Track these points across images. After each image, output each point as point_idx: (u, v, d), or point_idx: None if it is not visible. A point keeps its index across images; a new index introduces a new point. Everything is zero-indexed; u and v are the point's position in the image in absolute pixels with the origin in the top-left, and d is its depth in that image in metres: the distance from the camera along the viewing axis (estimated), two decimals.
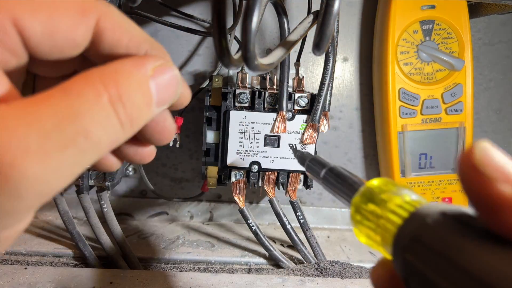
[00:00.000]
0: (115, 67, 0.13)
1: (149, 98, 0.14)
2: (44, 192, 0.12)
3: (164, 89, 0.15)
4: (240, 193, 0.40)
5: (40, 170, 0.11)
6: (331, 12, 0.19)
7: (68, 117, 0.12)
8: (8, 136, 0.11)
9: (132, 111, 0.13)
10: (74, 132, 0.12)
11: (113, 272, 0.38)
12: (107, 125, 0.13)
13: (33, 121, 0.11)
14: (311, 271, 0.39)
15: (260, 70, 0.19)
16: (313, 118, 0.38)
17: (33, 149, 0.11)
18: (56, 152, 0.12)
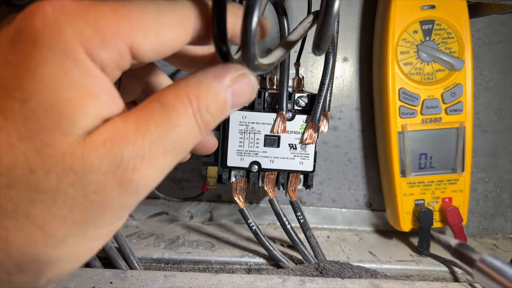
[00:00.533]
0: (197, 80, 0.16)
1: (224, 105, 0.17)
2: (151, 188, 0.15)
3: (240, 95, 0.17)
4: (240, 193, 0.40)
5: (152, 172, 0.15)
6: (331, 12, 0.18)
7: (169, 128, 0.15)
8: (131, 148, 0.14)
9: (208, 118, 0.16)
10: (174, 140, 0.15)
11: (113, 272, 0.38)
12: (191, 132, 0.16)
13: (145, 134, 0.14)
14: (311, 271, 0.39)
15: (260, 70, 0.19)
16: (313, 118, 0.38)
17: (146, 157, 0.14)
18: (162, 157, 0.15)
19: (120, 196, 0.14)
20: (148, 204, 0.52)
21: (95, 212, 0.14)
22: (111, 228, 0.16)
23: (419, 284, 0.39)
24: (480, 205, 0.53)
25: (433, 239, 0.47)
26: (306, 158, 0.39)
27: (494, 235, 0.54)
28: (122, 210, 0.15)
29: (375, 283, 0.38)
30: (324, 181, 0.53)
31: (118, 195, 0.14)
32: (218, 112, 0.16)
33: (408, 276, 0.42)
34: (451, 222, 0.44)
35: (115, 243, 0.39)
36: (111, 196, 0.14)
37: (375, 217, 0.53)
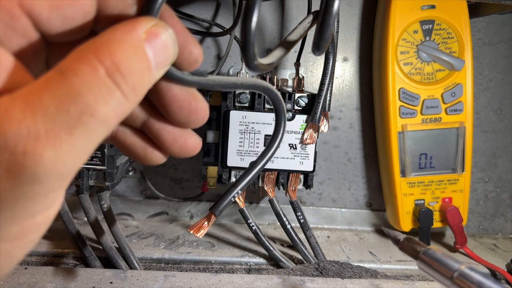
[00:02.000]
0: (107, 37, 0.13)
1: (147, 62, 0.14)
2: (63, 174, 0.12)
3: (162, 51, 0.14)
4: (240, 193, 0.40)
5: (53, 154, 0.12)
6: (331, 12, 0.19)
7: (69, 97, 0.12)
8: (16, 127, 0.11)
9: (133, 79, 0.13)
10: (79, 112, 0.12)
11: (113, 272, 0.38)
12: (110, 98, 0.13)
13: (37, 108, 0.12)
14: (311, 271, 0.39)
15: (260, 70, 0.19)
16: (313, 118, 0.38)
17: (42, 135, 0.12)
18: (65, 134, 0.12)
19: (13, 187, 0.12)
20: (148, 204, 0.52)
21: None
22: (23, 225, 0.13)
23: (419, 284, 0.39)
24: (480, 205, 0.53)
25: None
26: (306, 158, 0.39)
27: (494, 235, 0.54)
28: (27, 203, 0.12)
29: (375, 283, 0.38)
30: (324, 181, 0.53)
31: (10, 186, 0.12)
32: (144, 70, 0.14)
33: (408, 276, 0.42)
34: (451, 222, 0.44)
35: (115, 243, 0.39)
36: (1, 188, 0.12)
37: (375, 217, 0.53)
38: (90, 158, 0.37)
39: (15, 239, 0.13)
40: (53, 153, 0.12)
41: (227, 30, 0.42)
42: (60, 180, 0.12)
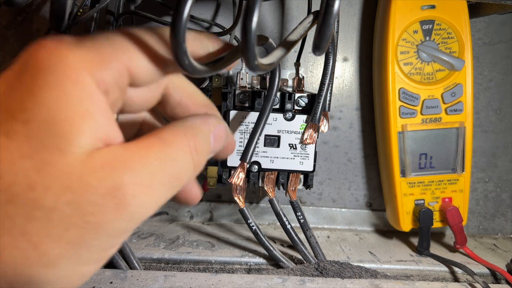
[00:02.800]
0: (191, 123, 0.18)
1: (209, 147, 0.19)
2: (146, 217, 0.16)
3: (218, 139, 0.19)
4: (240, 193, 0.40)
5: (148, 201, 0.15)
6: (331, 12, 0.18)
7: (167, 161, 0.16)
8: (130, 173, 0.15)
9: (200, 158, 0.18)
10: (171, 173, 0.16)
11: (113, 272, 0.38)
12: (187, 168, 0.17)
13: (145, 163, 0.15)
14: (311, 271, 0.39)
15: (260, 70, 0.19)
16: (313, 118, 0.38)
17: (145, 185, 0.15)
18: (159, 188, 0.16)
19: (115, 220, 0.15)
20: None
21: (90, 234, 0.14)
22: (104, 254, 0.16)
23: (419, 284, 0.39)
24: (480, 205, 0.53)
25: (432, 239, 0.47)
26: (306, 158, 0.39)
27: (494, 235, 0.54)
28: (116, 236, 0.15)
29: (375, 283, 0.38)
30: (324, 181, 0.53)
31: (114, 218, 0.14)
32: (206, 154, 0.18)
33: (408, 276, 0.42)
34: (451, 222, 0.44)
35: None
36: (107, 218, 0.14)
37: (375, 217, 0.53)
38: None
39: (92, 264, 0.16)
40: (148, 200, 0.15)
41: (227, 30, 0.42)
42: (140, 222, 0.16)
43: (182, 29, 0.16)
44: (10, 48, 0.48)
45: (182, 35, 0.16)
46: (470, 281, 0.41)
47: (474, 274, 0.40)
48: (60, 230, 0.14)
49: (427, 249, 0.45)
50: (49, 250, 0.14)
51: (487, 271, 0.43)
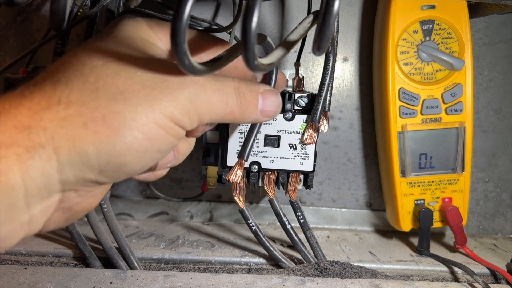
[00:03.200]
0: (251, 86, 0.24)
1: (256, 100, 0.24)
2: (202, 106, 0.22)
3: (267, 105, 0.25)
4: (240, 193, 0.40)
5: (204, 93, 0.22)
6: (331, 12, 0.19)
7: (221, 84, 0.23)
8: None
9: (243, 98, 0.23)
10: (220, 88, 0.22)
11: (113, 272, 0.38)
12: (232, 96, 0.23)
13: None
14: (311, 271, 0.39)
15: (260, 70, 0.19)
16: (313, 118, 0.38)
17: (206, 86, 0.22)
18: (212, 93, 0.22)
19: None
20: (148, 204, 0.52)
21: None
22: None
23: (419, 284, 0.39)
24: (480, 205, 0.53)
25: (433, 239, 0.47)
26: (306, 158, 0.39)
27: (494, 235, 0.54)
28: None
29: (375, 283, 0.38)
30: (324, 181, 0.53)
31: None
32: (252, 102, 0.24)
33: (408, 276, 0.42)
34: (451, 222, 0.44)
35: (115, 243, 0.39)
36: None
37: (375, 217, 0.53)
38: None
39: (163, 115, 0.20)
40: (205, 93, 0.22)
41: (224, 27, 0.42)
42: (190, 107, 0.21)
43: (182, 31, 0.16)
44: (10, 48, 0.48)
45: (182, 36, 0.16)
46: (470, 281, 0.41)
47: (474, 274, 0.40)
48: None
49: (427, 249, 0.45)
50: (131, 97, 0.19)
51: (487, 271, 0.43)
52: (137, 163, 0.20)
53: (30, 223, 0.18)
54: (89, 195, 0.21)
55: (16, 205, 0.17)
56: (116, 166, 0.19)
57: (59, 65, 0.20)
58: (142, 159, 0.20)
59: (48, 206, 0.19)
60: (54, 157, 0.18)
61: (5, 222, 0.17)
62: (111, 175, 0.20)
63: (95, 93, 0.19)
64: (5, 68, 0.37)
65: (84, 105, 0.18)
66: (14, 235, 0.18)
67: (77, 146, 0.18)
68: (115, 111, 0.19)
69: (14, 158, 0.17)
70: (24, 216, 0.18)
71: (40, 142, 0.17)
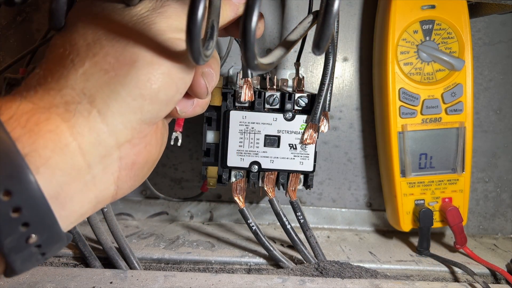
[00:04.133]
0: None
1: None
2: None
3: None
4: (240, 193, 0.40)
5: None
6: (331, 12, 0.19)
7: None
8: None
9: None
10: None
11: (113, 272, 0.38)
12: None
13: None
14: (311, 271, 0.39)
15: (260, 70, 0.19)
16: (313, 118, 0.38)
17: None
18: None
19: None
20: (148, 204, 0.52)
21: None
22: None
23: (419, 284, 0.39)
24: (480, 205, 0.53)
25: (432, 239, 0.47)
26: (306, 158, 0.39)
27: (494, 235, 0.54)
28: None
29: (375, 283, 0.38)
30: (324, 181, 0.53)
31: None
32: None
33: (408, 276, 0.42)
34: (451, 222, 0.44)
35: (115, 243, 0.39)
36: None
37: (375, 217, 0.53)
38: None
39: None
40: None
41: None
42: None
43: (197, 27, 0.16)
44: (10, 48, 0.48)
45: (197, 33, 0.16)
46: (470, 281, 0.41)
47: (474, 274, 0.40)
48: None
49: (427, 249, 0.45)
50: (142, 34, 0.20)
51: (487, 271, 0.43)
52: (168, 86, 0.21)
53: (95, 183, 0.19)
54: (143, 143, 0.22)
55: (76, 164, 0.18)
56: (151, 97, 0.20)
57: (55, 38, 0.22)
58: (171, 81, 0.21)
59: (109, 164, 0.20)
60: (93, 109, 0.19)
61: (69, 182, 0.18)
62: (152, 109, 0.20)
63: (99, 44, 0.20)
64: (5, 68, 0.37)
65: (95, 56, 0.20)
66: (83, 197, 0.19)
67: (107, 92, 0.19)
68: (121, 49, 0.20)
69: (59, 119, 0.18)
70: (86, 176, 0.19)
71: (74, 100, 0.19)
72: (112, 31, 0.20)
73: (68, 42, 0.20)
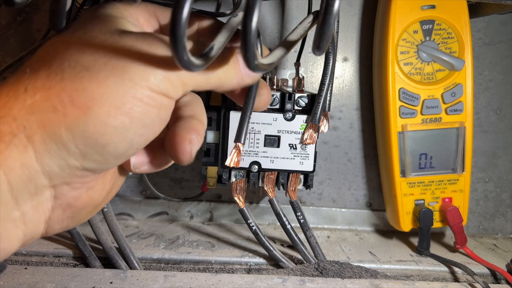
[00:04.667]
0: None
1: (236, 59, 0.22)
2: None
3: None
4: (240, 193, 0.40)
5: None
6: (331, 12, 0.19)
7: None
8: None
9: (223, 58, 0.22)
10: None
11: (113, 272, 0.38)
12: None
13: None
14: (311, 271, 0.39)
15: (260, 70, 0.19)
16: (313, 118, 0.38)
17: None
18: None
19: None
20: (148, 204, 0.52)
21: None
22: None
23: (419, 284, 0.39)
24: (480, 205, 0.53)
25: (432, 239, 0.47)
26: (306, 158, 0.39)
27: (494, 235, 0.54)
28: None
29: (375, 283, 0.38)
30: (324, 181, 0.53)
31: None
32: (230, 57, 0.22)
33: (408, 276, 0.42)
34: (451, 222, 0.44)
35: (115, 243, 0.39)
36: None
37: (375, 217, 0.53)
38: None
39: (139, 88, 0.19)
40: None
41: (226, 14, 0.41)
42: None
43: (182, 25, 0.16)
44: (10, 48, 0.48)
45: (182, 32, 0.16)
46: (470, 281, 0.41)
47: (474, 274, 0.40)
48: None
49: (427, 249, 0.45)
50: (98, 72, 0.18)
51: (487, 271, 0.43)
52: (120, 141, 0.19)
53: (24, 221, 0.18)
54: (85, 187, 0.20)
55: (3, 200, 0.17)
56: (97, 147, 0.18)
57: (27, 61, 0.20)
58: (124, 136, 0.19)
59: (40, 203, 0.18)
60: (29, 146, 0.17)
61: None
62: (97, 159, 0.19)
63: (60, 75, 0.18)
64: (5, 68, 0.37)
65: (51, 89, 0.18)
66: (10, 235, 0.18)
67: (49, 131, 0.17)
68: (81, 89, 0.18)
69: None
70: (14, 212, 0.17)
71: (12, 131, 0.17)
72: (80, 64, 0.18)
73: (33, 64, 0.19)
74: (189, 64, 0.17)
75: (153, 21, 0.24)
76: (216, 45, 0.20)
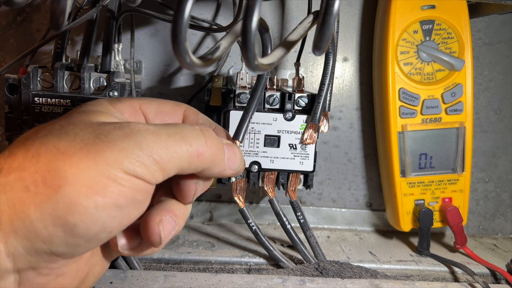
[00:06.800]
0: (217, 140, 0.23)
1: (222, 147, 0.23)
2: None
3: (231, 156, 0.24)
4: (240, 193, 0.40)
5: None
6: (331, 12, 0.19)
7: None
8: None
9: (211, 142, 0.22)
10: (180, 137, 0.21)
11: (113, 272, 0.38)
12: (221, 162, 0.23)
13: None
14: (311, 271, 0.39)
15: (260, 70, 0.19)
16: (313, 118, 0.38)
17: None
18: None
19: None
20: None
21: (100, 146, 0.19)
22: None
23: (419, 284, 0.39)
24: (480, 205, 0.53)
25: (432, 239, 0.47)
26: (306, 158, 0.39)
27: (494, 235, 0.54)
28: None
29: (375, 283, 0.38)
30: (324, 181, 0.53)
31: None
32: (217, 144, 0.23)
33: (408, 276, 0.42)
34: (451, 222, 0.44)
35: None
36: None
37: (375, 217, 0.53)
38: None
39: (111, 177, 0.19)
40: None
41: (224, 27, 0.42)
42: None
43: (183, 29, 0.16)
44: (10, 48, 0.48)
45: (183, 35, 0.16)
46: (470, 281, 0.41)
47: (474, 274, 0.40)
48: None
49: (427, 249, 0.45)
50: (72, 155, 0.18)
51: (487, 271, 0.43)
52: (91, 222, 0.18)
53: None
54: (53, 274, 0.19)
55: None
56: (66, 228, 0.17)
57: (10, 145, 0.20)
58: (95, 216, 0.18)
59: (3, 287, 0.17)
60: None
61: None
62: (66, 241, 0.18)
63: (36, 158, 0.18)
64: (5, 68, 0.37)
65: (25, 170, 0.18)
66: None
67: (18, 211, 0.17)
68: (54, 169, 0.18)
69: None
70: None
71: None
72: (57, 148, 0.18)
73: (12, 148, 0.19)
74: (192, 64, 0.17)
75: (138, 115, 0.25)
76: (220, 48, 0.20)
